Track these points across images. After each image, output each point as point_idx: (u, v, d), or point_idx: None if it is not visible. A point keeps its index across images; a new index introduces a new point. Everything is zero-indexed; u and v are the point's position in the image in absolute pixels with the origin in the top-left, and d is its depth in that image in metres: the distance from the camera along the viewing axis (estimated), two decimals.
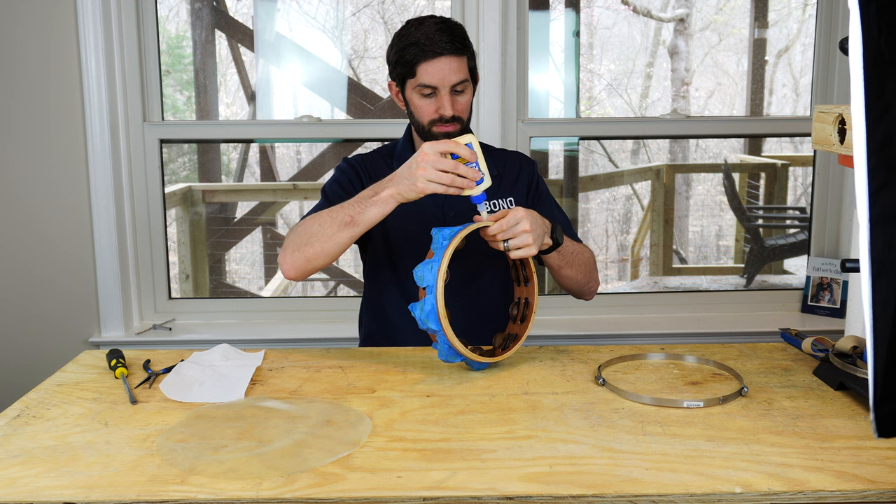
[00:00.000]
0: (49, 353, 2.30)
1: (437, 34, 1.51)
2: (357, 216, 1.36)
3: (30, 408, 1.25)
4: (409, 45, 1.52)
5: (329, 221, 1.40)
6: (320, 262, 1.43)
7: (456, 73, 1.52)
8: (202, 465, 1.03)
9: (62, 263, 2.29)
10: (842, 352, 1.30)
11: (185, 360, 1.44)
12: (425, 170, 1.28)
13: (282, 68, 3.24)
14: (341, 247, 1.40)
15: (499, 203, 1.65)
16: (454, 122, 1.55)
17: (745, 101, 4.14)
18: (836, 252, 2.49)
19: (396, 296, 1.67)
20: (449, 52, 1.51)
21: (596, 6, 4.42)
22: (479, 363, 1.37)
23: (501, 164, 1.70)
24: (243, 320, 2.45)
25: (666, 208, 4.04)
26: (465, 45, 1.55)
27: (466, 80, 1.55)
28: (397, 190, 1.33)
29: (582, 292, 1.65)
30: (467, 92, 1.57)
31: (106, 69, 2.20)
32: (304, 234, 1.43)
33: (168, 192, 2.59)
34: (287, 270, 1.46)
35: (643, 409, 1.21)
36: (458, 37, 1.53)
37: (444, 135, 1.55)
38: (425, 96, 1.55)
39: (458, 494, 0.96)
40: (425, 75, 1.52)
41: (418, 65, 1.52)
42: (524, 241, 1.35)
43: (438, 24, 1.53)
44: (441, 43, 1.50)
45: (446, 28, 1.52)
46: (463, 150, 1.29)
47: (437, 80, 1.52)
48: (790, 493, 0.96)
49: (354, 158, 1.69)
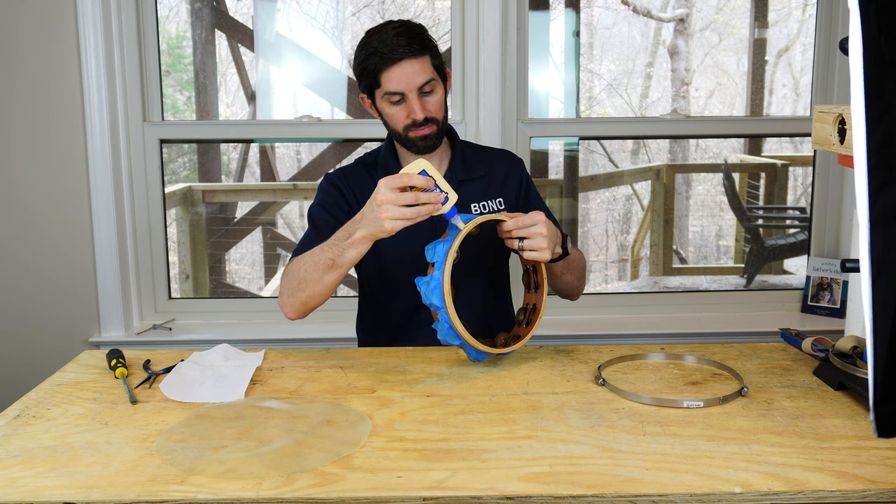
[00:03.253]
0: (49, 353, 2.30)
1: (394, 39, 1.48)
2: (337, 259, 1.38)
3: (30, 408, 1.25)
4: (369, 56, 1.50)
5: (313, 266, 1.42)
6: (315, 302, 1.47)
7: (419, 74, 1.50)
8: (202, 465, 1.03)
9: (62, 263, 2.29)
10: (842, 352, 1.30)
11: (185, 360, 1.44)
12: (388, 211, 1.28)
13: (282, 68, 3.24)
14: (331, 287, 1.44)
15: (487, 204, 1.63)
16: (429, 124, 1.53)
17: (745, 101, 4.14)
18: (836, 252, 2.49)
19: (397, 311, 1.65)
20: (408, 55, 1.48)
21: (596, 6, 4.42)
22: (477, 352, 1.37)
23: (489, 165, 1.68)
24: (243, 320, 2.45)
25: (666, 208, 4.04)
26: (425, 44, 1.51)
27: (433, 80, 1.52)
28: (368, 231, 1.33)
29: (572, 294, 1.68)
30: (436, 91, 1.54)
31: (106, 69, 2.20)
32: (294, 279, 1.46)
33: (168, 192, 2.59)
34: (288, 314, 1.51)
35: (643, 409, 1.21)
36: (415, 38, 1.50)
37: (421, 139, 1.54)
38: (394, 104, 1.52)
39: (458, 494, 0.96)
40: (389, 82, 1.50)
41: (381, 73, 1.50)
42: (539, 245, 1.36)
43: (396, 28, 1.50)
44: (399, 47, 1.48)
45: (404, 31, 1.50)
46: (418, 180, 1.28)
47: (402, 85, 1.50)
48: (790, 493, 0.96)
49: (335, 174, 1.66)
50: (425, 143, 1.55)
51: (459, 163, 1.64)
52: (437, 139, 1.56)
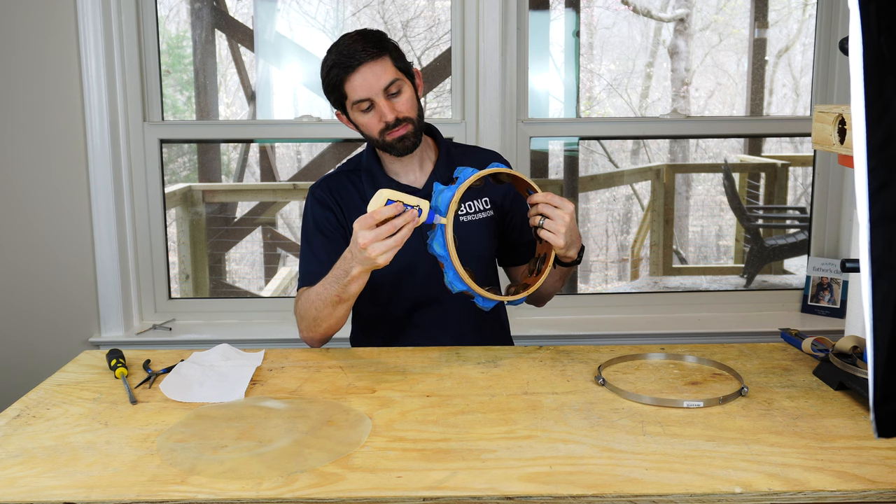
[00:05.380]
0: (49, 353, 2.30)
1: (350, 46, 1.48)
2: (342, 293, 1.42)
3: (30, 408, 1.25)
4: (330, 69, 1.50)
5: (322, 304, 1.47)
6: (334, 331, 1.55)
7: (381, 76, 1.48)
8: (202, 465, 1.03)
9: (62, 263, 2.29)
10: (842, 352, 1.30)
11: (185, 360, 1.44)
12: (374, 250, 1.30)
13: (282, 68, 3.24)
14: (344, 316, 1.50)
15: (473, 204, 1.63)
16: (403, 124, 1.51)
17: (745, 101, 4.14)
18: (836, 252, 2.49)
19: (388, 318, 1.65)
20: (366, 59, 1.47)
21: (596, 6, 4.42)
22: (483, 299, 1.39)
23: (475, 163, 1.66)
24: (243, 320, 2.45)
25: (666, 208, 4.04)
26: (382, 46, 1.50)
27: (397, 80, 1.50)
28: (364, 267, 1.35)
29: (542, 300, 1.71)
30: (404, 90, 1.52)
31: (106, 69, 2.20)
32: (309, 317, 1.52)
33: (168, 192, 2.59)
34: (313, 345, 1.59)
35: (643, 409, 1.21)
36: (371, 41, 1.49)
37: (398, 140, 1.52)
38: (365, 111, 1.51)
39: (458, 494, 0.96)
40: (353, 91, 1.49)
41: (344, 83, 1.49)
42: (558, 228, 1.37)
43: (351, 37, 1.50)
44: (356, 53, 1.47)
45: (359, 37, 1.49)
46: (388, 210, 1.30)
47: (366, 90, 1.48)
48: (790, 493, 0.96)
49: (320, 187, 1.65)
50: (403, 145, 1.53)
51: (445, 162, 1.63)
52: (415, 138, 1.54)
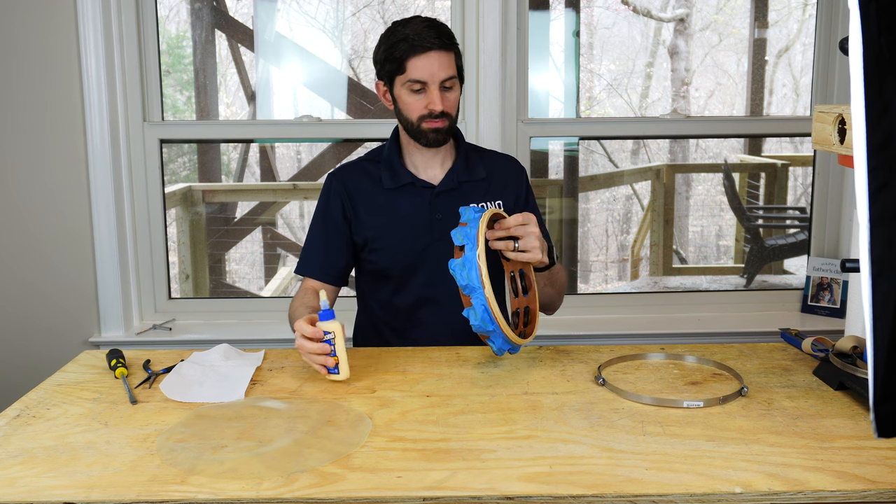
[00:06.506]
0: (49, 353, 2.30)
1: (425, 30, 1.52)
2: None
3: (30, 408, 1.25)
4: (398, 42, 1.53)
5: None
6: None
7: (445, 68, 1.53)
8: (202, 465, 1.03)
9: (62, 263, 2.29)
10: (842, 352, 1.30)
11: (185, 360, 1.44)
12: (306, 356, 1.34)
13: (282, 68, 3.24)
14: None
15: (486, 205, 1.64)
16: (443, 118, 1.55)
17: (745, 101, 4.14)
18: (836, 252, 2.49)
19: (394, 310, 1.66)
20: (438, 46, 1.51)
21: (596, 6, 4.43)
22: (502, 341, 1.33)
23: (491, 168, 1.69)
24: (243, 320, 2.45)
25: (666, 208, 4.04)
26: (453, 41, 1.56)
27: (455, 77, 1.56)
28: None
29: (548, 309, 1.69)
30: (455, 89, 1.57)
31: (106, 69, 2.20)
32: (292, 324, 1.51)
33: (168, 192, 2.59)
34: None
35: (643, 409, 1.21)
36: (445, 34, 1.54)
37: (433, 131, 1.56)
38: (414, 92, 1.54)
39: (458, 494, 0.96)
40: (415, 70, 1.52)
41: (408, 60, 1.52)
42: (532, 244, 1.37)
43: (426, 21, 1.55)
44: (430, 38, 1.51)
45: (434, 25, 1.54)
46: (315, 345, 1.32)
47: (427, 74, 1.52)
48: (790, 493, 0.96)
49: (335, 173, 1.68)
50: (436, 136, 1.57)
51: (462, 164, 1.65)
52: (447, 134, 1.58)
